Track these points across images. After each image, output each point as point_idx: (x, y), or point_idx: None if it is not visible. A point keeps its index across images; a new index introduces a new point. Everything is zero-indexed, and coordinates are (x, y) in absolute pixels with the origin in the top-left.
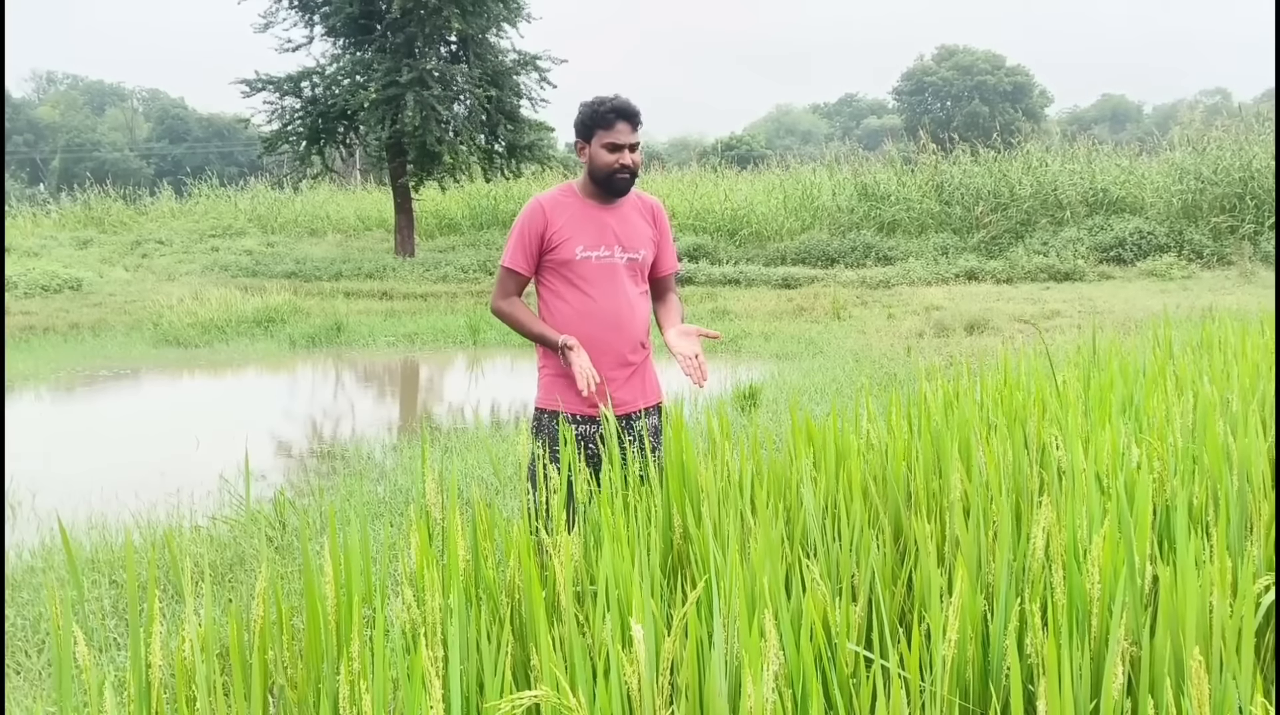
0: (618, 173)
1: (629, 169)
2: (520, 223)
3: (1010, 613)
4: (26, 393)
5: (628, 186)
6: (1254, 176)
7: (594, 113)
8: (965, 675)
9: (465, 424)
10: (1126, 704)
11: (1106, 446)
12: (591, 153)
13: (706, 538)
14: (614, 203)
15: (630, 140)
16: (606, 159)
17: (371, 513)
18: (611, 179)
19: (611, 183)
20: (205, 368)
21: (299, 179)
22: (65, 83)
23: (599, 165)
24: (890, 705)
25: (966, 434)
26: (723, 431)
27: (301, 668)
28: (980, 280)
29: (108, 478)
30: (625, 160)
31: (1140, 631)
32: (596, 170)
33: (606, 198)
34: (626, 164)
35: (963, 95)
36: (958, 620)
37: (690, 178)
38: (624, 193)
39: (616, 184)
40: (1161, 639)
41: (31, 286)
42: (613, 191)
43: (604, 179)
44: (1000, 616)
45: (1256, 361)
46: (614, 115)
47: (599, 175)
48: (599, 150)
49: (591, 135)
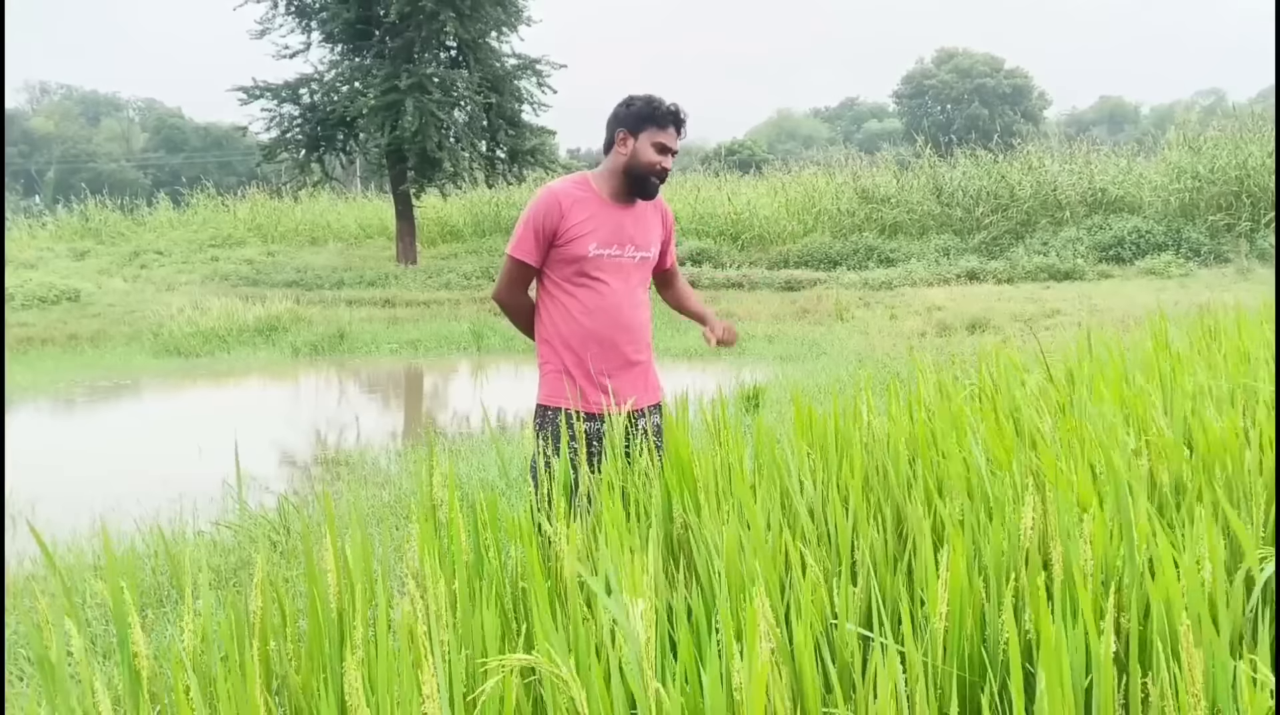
0: (656, 175)
1: (666, 173)
2: (533, 213)
3: (1005, 588)
4: (26, 405)
5: (656, 190)
6: (1250, 175)
7: (652, 109)
8: (964, 651)
9: (470, 430)
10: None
11: (1101, 428)
12: (637, 147)
13: (704, 523)
14: (633, 202)
15: (676, 146)
16: (652, 158)
17: (376, 517)
18: (648, 180)
19: (646, 183)
20: (207, 377)
21: (299, 187)
22: (59, 93)
23: (642, 162)
24: (888, 676)
25: (963, 422)
26: (722, 424)
27: (304, 657)
28: (981, 280)
29: (110, 487)
30: (668, 164)
31: (1132, 605)
32: (637, 167)
33: (629, 197)
34: (667, 168)
35: (962, 98)
36: (946, 593)
37: (693, 183)
38: (652, 196)
39: (650, 186)
40: (1156, 612)
41: (29, 298)
42: (643, 192)
43: (640, 177)
44: (995, 594)
45: (1250, 352)
46: (670, 118)
47: (637, 172)
48: (646, 147)
49: (641, 130)
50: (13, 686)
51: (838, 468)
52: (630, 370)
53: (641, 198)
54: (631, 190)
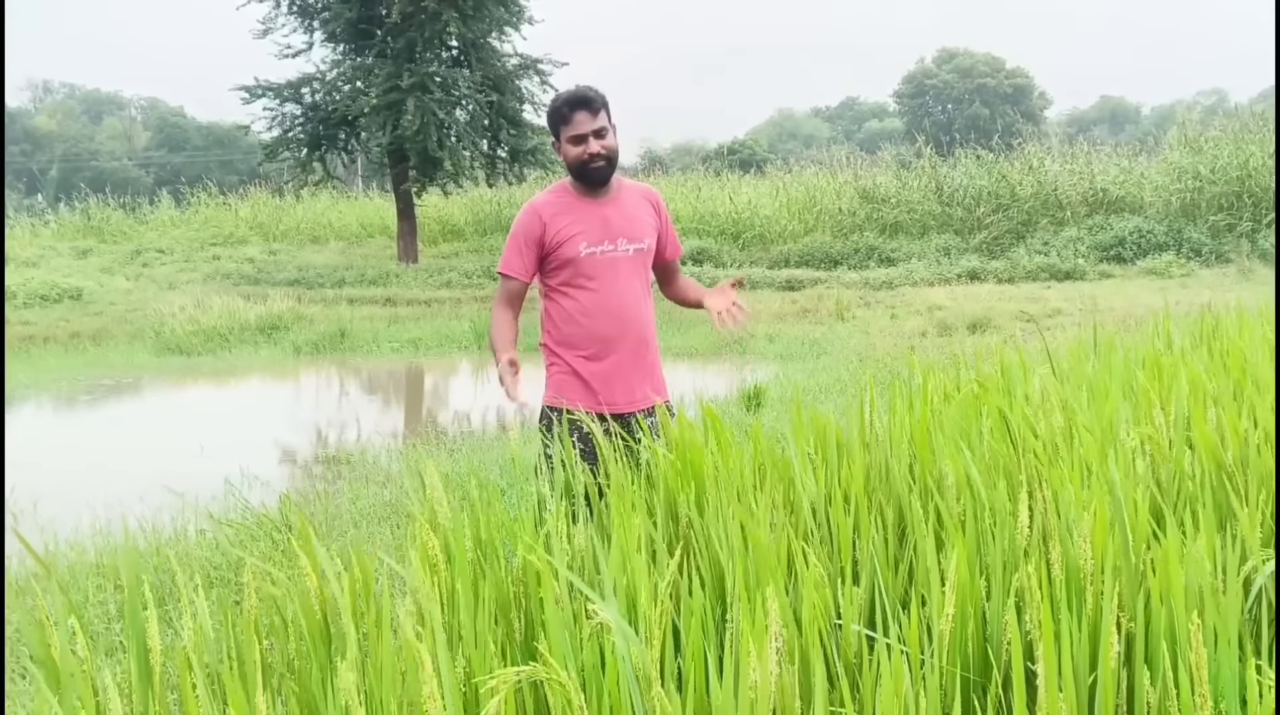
0: (589, 163)
1: (600, 156)
2: (516, 229)
3: (1008, 586)
4: (28, 403)
5: (606, 174)
6: (1251, 175)
7: (553, 111)
8: (967, 650)
9: (471, 428)
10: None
11: (1103, 427)
12: (562, 149)
13: (708, 523)
14: (609, 194)
15: (592, 128)
16: (574, 152)
17: (377, 516)
18: (585, 170)
19: (586, 173)
20: (209, 375)
21: (300, 186)
22: (62, 92)
23: (570, 160)
24: (892, 676)
25: (965, 421)
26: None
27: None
28: (982, 280)
29: (111, 486)
30: (593, 149)
31: (1135, 606)
32: (570, 166)
33: (594, 190)
34: (595, 152)
35: (963, 98)
36: (955, 594)
37: (694, 182)
38: (604, 181)
39: (592, 174)
40: (1157, 611)
41: (31, 296)
42: (592, 182)
43: (579, 172)
44: (998, 593)
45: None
46: (568, 107)
47: (574, 170)
48: (566, 146)
49: (558, 132)
50: (14, 684)
51: (839, 468)
52: (635, 368)
53: (598, 186)
54: (587, 184)
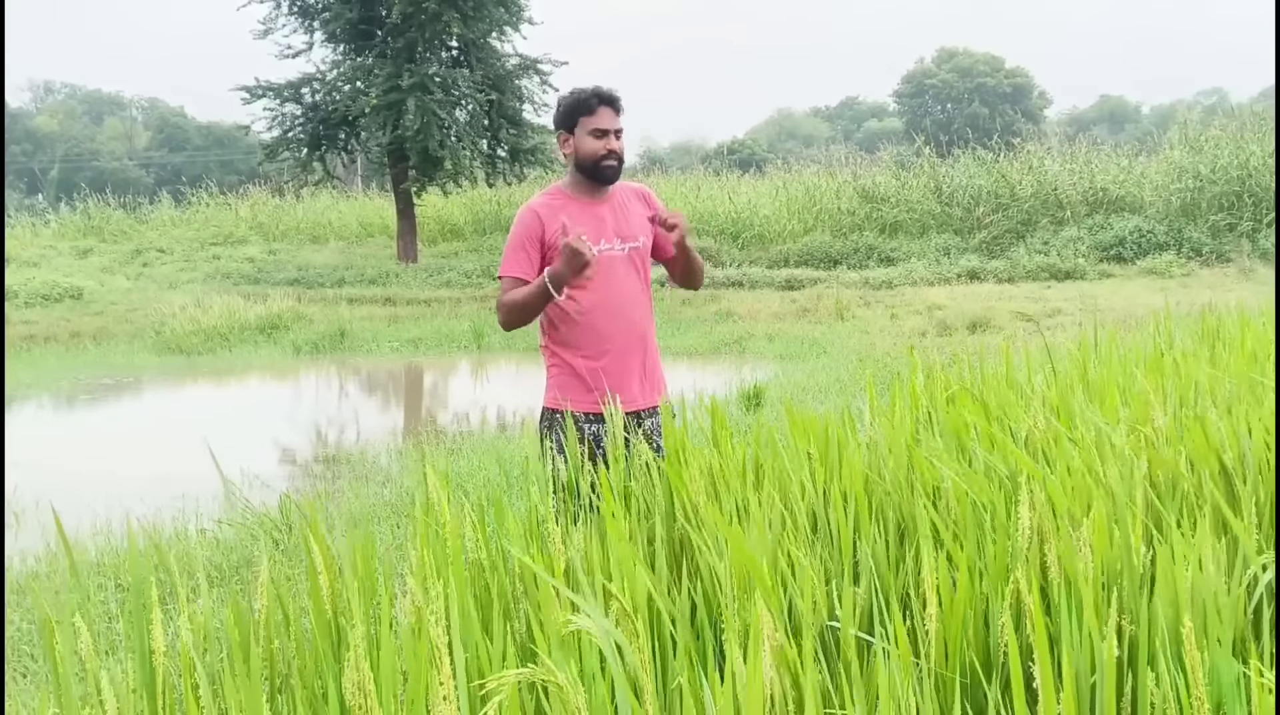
0: (605, 159)
1: (616, 155)
2: (516, 232)
3: (1004, 589)
4: (29, 403)
5: (616, 173)
6: (1251, 174)
7: (576, 100)
8: (965, 655)
9: (470, 428)
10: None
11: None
12: (577, 141)
13: (706, 525)
14: (605, 195)
15: (615, 126)
16: (593, 145)
17: (377, 516)
18: (599, 166)
19: (599, 170)
20: (209, 375)
21: (300, 186)
22: (63, 92)
23: (586, 153)
24: (888, 679)
25: (963, 423)
26: (719, 425)
27: (309, 657)
28: (982, 280)
29: (112, 485)
30: (612, 145)
31: (1137, 609)
32: (583, 159)
33: (596, 189)
34: (614, 149)
35: (963, 97)
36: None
37: (693, 182)
38: (613, 180)
39: (604, 171)
40: (1157, 614)
41: (32, 296)
42: (602, 179)
43: (591, 167)
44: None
45: (1251, 351)
46: (597, 100)
47: (586, 164)
48: (585, 138)
49: (575, 123)
50: (15, 683)
51: (838, 468)
52: (635, 368)
53: (606, 185)
54: (594, 181)
